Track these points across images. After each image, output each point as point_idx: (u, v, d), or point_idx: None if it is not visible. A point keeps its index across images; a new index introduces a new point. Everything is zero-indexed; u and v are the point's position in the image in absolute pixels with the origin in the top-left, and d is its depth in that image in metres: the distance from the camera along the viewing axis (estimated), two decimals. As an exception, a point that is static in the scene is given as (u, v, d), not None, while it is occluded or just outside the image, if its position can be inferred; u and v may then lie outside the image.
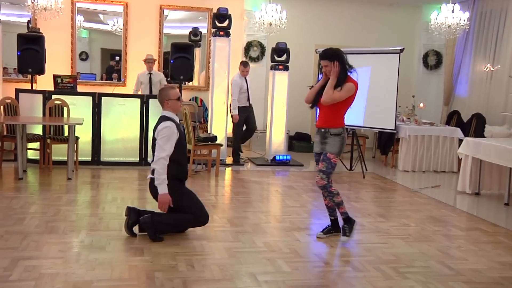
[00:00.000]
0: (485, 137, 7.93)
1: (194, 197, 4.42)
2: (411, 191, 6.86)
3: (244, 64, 8.32)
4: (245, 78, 8.25)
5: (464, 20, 8.38)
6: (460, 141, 7.71)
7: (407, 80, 10.58)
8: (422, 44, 10.93)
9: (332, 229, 4.66)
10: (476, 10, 9.73)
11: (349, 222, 4.56)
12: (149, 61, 8.53)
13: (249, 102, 8.35)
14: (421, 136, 8.35)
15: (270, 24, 9.11)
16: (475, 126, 9.11)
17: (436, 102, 10.71)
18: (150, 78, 8.45)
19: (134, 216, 4.29)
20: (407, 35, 10.84)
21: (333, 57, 4.40)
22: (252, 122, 8.50)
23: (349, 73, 4.43)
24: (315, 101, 4.53)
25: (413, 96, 9.65)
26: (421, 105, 9.39)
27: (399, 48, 7.75)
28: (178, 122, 4.37)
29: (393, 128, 7.89)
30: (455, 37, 9.21)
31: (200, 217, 4.36)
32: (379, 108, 7.86)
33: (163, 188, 4.15)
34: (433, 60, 10.92)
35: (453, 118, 9.82)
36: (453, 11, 8.35)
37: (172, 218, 4.29)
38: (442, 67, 10.81)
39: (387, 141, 8.89)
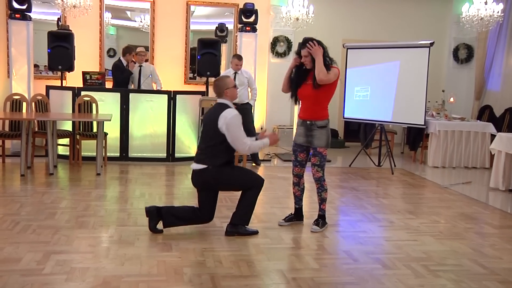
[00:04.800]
0: (518, 132, 7.73)
1: (245, 169, 4.69)
2: (441, 188, 6.73)
3: (238, 58, 7.61)
4: (236, 73, 7.54)
5: (497, 12, 8.16)
6: (493, 136, 7.53)
7: (437, 74, 10.37)
8: (452, 38, 10.68)
9: (295, 218, 4.76)
10: (510, 1, 9.46)
11: (324, 219, 4.64)
12: (140, 54, 8.16)
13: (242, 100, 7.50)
14: (452, 132, 8.20)
15: (297, 19, 9.05)
16: (508, 121, 8.89)
17: (467, 96, 10.47)
18: (140, 70, 8.16)
19: (153, 216, 4.28)
20: (437, 28, 10.63)
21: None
22: (245, 123, 7.25)
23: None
24: (294, 93, 4.52)
25: (443, 91, 9.46)
26: (451, 99, 9.19)
27: (429, 41, 7.59)
28: None
29: (423, 123, 7.74)
30: (487, 29, 8.98)
31: (259, 181, 4.34)
32: (408, 103, 7.72)
33: (265, 142, 4.33)
34: (464, 54, 10.68)
35: (484, 113, 9.59)
36: (485, 3, 8.15)
37: (243, 206, 4.31)
38: (473, 61, 10.57)
39: (416, 137, 8.74)
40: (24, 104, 7.33)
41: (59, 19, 9.02)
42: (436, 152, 8.19)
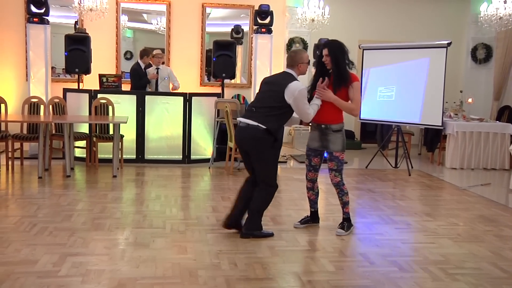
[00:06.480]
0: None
1: (277, 165, 4.45)
2: (459, 189, 6.63)
3: None
4: None
5: (517, 11, 8.03)
6: (512, 137, 7.41)
7: (455, 74, 10.25)
8: (470, 38, 10.55)
9: (310, 220, 4.72)
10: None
11: (349, 222, 4.59)
12: (157, 57, 8.21)
13: None
14: (470, 133, 8.08)
15: (313, 20, 9.02)
16: (529, 122, 8.74)
17: (486, 97, 10.33)
18: (157, 73, 8.18)
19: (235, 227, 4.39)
20: (454, 28, 10.50)
21: (335, 50, 4.32)
22: None
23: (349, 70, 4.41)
24: (310, 95, 4.45)
25: (461, 91, 9.34)
26: (470, 100, 9.06)
27: (446, 42, 7.50)
28: None
29: (440, 124, 7.65)
30: (506, 29, 8.84)
31: (275, 186, 4.33)
32: (425, 104, 7.62)
33: (318, 103, 4.32)
34: (482, 54, 10.54)
35: (504, 114, 9.46)
36: (505, 2, 8.01)
37: (253, 212, 4.30)
38: (492, 61, 10.42)
39: (433, 138, 8.64)
40: (42, 106, 7.41)
41: (76, 23, 9.12)
42: (454, 153, 8.08)
